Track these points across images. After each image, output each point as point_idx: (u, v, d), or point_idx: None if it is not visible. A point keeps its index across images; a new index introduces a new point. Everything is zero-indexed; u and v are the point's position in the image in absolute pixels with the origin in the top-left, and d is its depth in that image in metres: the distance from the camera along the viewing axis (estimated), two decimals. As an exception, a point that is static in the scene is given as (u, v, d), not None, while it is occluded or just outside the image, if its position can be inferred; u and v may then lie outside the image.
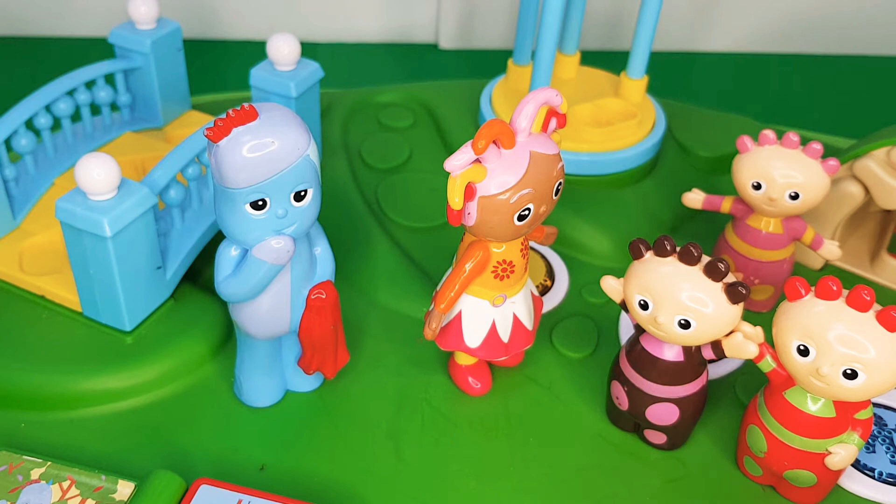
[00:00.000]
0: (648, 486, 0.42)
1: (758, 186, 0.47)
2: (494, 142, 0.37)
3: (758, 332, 0.39)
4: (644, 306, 0.39)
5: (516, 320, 0.43)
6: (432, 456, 0.43)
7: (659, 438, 0.43)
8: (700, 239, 0.54)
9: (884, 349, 0.35)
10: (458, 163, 0.36)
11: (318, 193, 0.38)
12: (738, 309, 0.38)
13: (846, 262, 0.57)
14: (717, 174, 0.63)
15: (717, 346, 0.40)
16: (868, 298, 0.35)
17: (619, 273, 0.41)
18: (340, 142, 0.64)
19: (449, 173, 0.37)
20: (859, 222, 0.57)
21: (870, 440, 0.44)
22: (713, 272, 0.37)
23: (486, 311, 0.42)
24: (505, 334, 0.43)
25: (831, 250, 0.49)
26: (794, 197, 0.47)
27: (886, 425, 0.45)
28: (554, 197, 0.39)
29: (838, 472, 0.40)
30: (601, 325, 0.51)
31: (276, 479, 0.42)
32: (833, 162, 0.47)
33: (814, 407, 0.38)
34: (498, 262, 0.41)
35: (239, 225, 0.37)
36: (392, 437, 0.44)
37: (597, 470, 0.43)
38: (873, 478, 0.43)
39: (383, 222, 0.57)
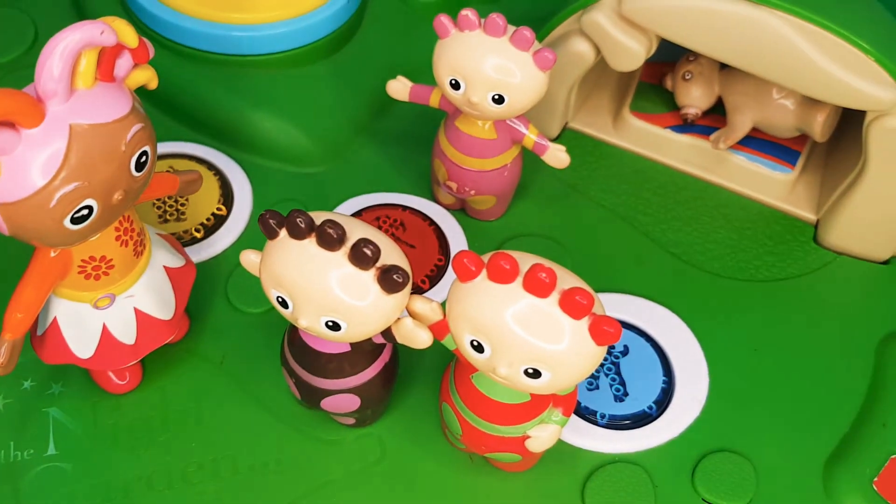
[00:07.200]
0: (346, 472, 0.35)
1: (456, 85, 0.37)
2: (6, 122, 0.25)
3: (434, 309, 0.31)
4: (282, 303, 0.30)
5: (142, 316, 0.33)
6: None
7: (348, 421, 0.36)
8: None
9: (568, 341, 0.28)
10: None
11: None
12: (399, 298, 0.29)
13: (587, 126, 0.49)
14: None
15: (387, 331, 0.31)
16: (547, 280, 0.27)
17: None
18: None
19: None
20: (597, 78, 0.48)
21: (593, 373, 0.39)
22: (360, 260, 0.28)
23: (90, 316, 0.32)
24: (128, 336, 0.33)
25: (558, 157, 0.40)
26: (499, 100, 0.37)
27: (613, 349, 0.40)
28: (136, 174, 0.28)
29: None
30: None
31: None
32: (549, 54, 0.36)
33: (504, 394, 0.31)
34: (84, 262, 0.30)
35: None
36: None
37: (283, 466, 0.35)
38: (596, 423, 0.37)
39: None
